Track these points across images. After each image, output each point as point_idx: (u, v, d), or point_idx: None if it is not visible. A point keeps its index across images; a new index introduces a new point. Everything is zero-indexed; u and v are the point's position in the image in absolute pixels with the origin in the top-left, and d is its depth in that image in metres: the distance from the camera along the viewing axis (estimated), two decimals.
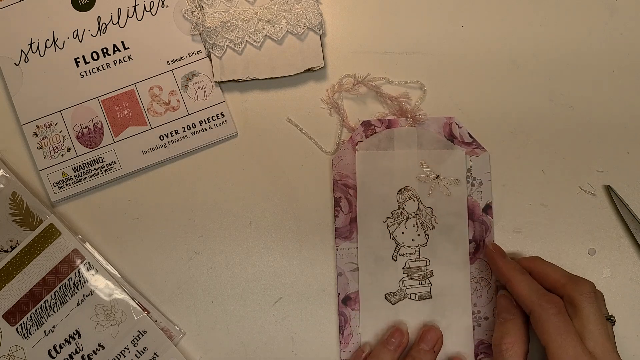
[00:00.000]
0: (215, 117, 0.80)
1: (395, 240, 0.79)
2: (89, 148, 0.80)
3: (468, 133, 0.79)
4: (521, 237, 0.79)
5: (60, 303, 0.78)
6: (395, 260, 0.79)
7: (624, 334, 0.78)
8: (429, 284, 0.78)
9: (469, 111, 0.80)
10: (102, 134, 0.80)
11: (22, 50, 0.80)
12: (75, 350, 0.78)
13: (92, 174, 0.80)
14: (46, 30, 0.80)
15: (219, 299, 0.80)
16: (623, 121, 0.80)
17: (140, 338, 0.78)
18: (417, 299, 0.78)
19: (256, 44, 0.79)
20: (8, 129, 0.81)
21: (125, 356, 0.78)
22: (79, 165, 0.80)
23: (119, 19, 0.80)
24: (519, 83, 0.80)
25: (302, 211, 0.80)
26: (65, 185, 0.80)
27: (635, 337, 0.79)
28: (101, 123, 0.80)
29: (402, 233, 0.79)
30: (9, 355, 0.78)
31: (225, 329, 0.79)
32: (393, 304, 0.78)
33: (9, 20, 0.80)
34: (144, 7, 0.80)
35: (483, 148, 0.79)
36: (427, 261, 0.78)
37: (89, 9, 0.80)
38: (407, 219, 0.79)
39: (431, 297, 0.78)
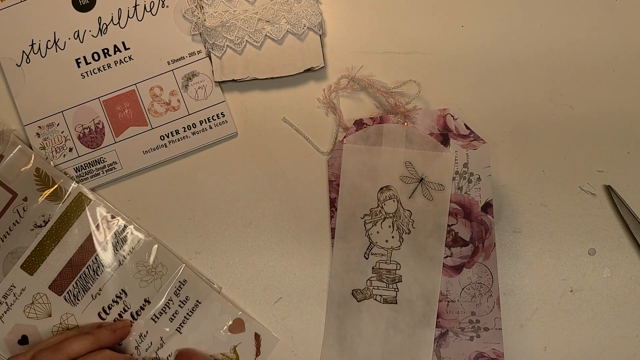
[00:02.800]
0: (215, 117, 0.80)
1: (369, 238, 0.78)
2: (91, 148, 0.80)
3: (465, 125, 0.78)
4: (521, 237, 0.79)
5: (103, 266, 0.79)
6: (367, 259, 0.78)
7: (623, 334, 0.78)
8: (396, 289, 0.78)
9: (469, 111, 0.80)
10: (104, 134, 0.80)
11: (23, 51, 0.80)
12: (124, 308, 0.80)
13: (94, 174, 0.80)
14: (47, 31, 0.80)
15: None
16: (623, 121, 0.80)
17: (181, 288, 0.80)
18: (382, 301, 0.78)
19: (256, 44, 0.79)
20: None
21: (170, 307, 0.79)
22: (81, 166, 0.80)
23: (119, 19, 0.80)
24: (519, 83, 0.80)
25: (301, 211, 0.80)
26: None
27: (636, 337, 0.79)
28: (102, 123, 0.80)
29: (377, 232, 0.78)
30: (60, 323, 0.79)
31: None
32: (358, 301, 0.78)
33: (10, 21, 0.80)
34: (144, 7, 0.80)
35: (482, 140, 0.78)
36: (397, 265, 0.78)
37: (90, 10, 0.80)
38: (384, 219, 0.78)
39: (396, 303, 0.78)
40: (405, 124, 0.78)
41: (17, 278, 0.79)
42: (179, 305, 0.79)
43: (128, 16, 0.80)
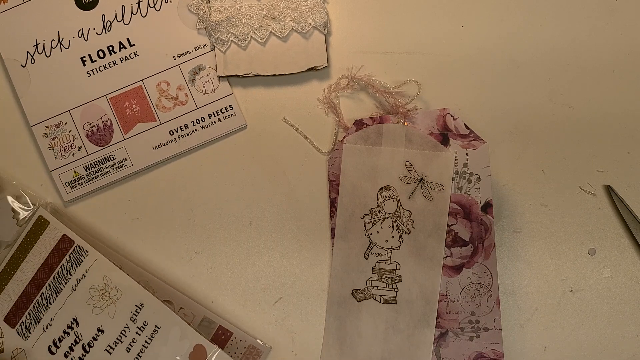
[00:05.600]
0: (224, 110, 0.80)
1: (369, 238, 0.78)
2: (100, 146, 0.80)
3: (464, 124, 0.77)
4: (521, 237, 0.79)
5: (56, 293, 0.75)
6: (366, 259, 0.78)
7: (623, 334, 0.78)
8: (396, 289, 0.77)
9: (469, 111, 0.80)
10: (112, 131, 0.80)
11: (27, 52, 0.80)
12: (75, 340, 0.74)
13: (104, 172, 0.80)
14: (51, 30, 0.80)
15: (219, 299, 0.80)
16: (623, 121, 0.80)
17: (138, 313, 0.74)
18: (381, 301, 0.78)
19: (260, 40, 0.79)
20: (17, 130, 0.81)
21: (126, 336, 0.74)
22: (91, 164, 0.80)
23: (123, 16, 0.80)
24: (519, 83, 0.80)
25: (302, 211, 0.80)
26: (77, 185, 0.80)
27: (636, 337, 0.78)
28: (110, 121, 0.80)
29: (377, 232, 0.78)
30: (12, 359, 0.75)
31: None
32: (358, 301, 0.78)
33: (13, 22, 0.80)
34: (148, 3, 0.81)
35: (481, 140, 0.77)
36: (397, 265, 0.77)
37: (93, 8, 0.80)
38: (384, 219, 0.78)
39: (396, 303, 0.77)
40: (405, 124, 0.78)
41: None
42: (137, 333, 0.73)
43: (132, 12, 0.81)
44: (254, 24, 0.79)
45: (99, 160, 0.80)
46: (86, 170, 0.80)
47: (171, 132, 0.80)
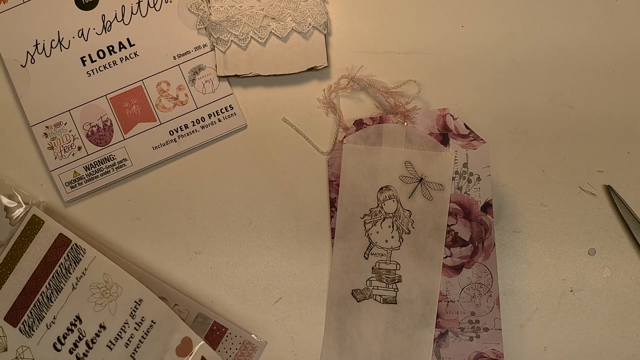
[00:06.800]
0: (224, 110, 0.80)
1: (369, 238, 0.78)
2: (100, 146, 0.80)
3: (464, 124, 0.77)
4: (521, 237, 0.79)
5: (57, 291, 0.76)
6: (366, 259, 0.78)
7: (624, 334, 0.78)
8: (396, 289, 0.77)
9: (469, 111, 0.80)
10: (112, 131, 0.80)
11: (27, 52, 0.80)
12: (79, 337, 0.76)
13: (104, 172, 0.80)
14: (51, 30, 0.80)
15: (218, 299, 0.80)
16: (623, 121, 0.80)
17: (137, 308, 0.76)
18: (381, 301, 0.78)
19: (260, 40, 0.79)
20: (17, 130, 0.81)
21: (125, 331, 0.76)
22: (91, 164, 0.80)
23: (123, 16, 0.80)
24: (519, 83, 0.80)
25: (301, 211, 0.80)
26: (77, 185, 0.80)
27: (636, 337, 0.78)
28: (110, 121, 0.80)
29: (377, 232, 0.78)
30: (17, 358, 0.76)
31: None
32: (358, 301, 0.78)
33: (13, 22, 0.80)
34: (148, 3, 0.80)
35: (481, 140, 0.77)
36: (397, 265, 0.77)
37: (93, 8, 0.80)
38: (384, 219, 0.78)
39: (396, 303, 0.77)
40: (405, 124, 0.78)
41: None
42: (135, 328, 0.76)
43: (132, 12, 0.80)
44: (254, 24, 0.79)
45: (99, 160, 0.80)
46: (86, 170, 0.80)
47: (171, 132, 0.80)
